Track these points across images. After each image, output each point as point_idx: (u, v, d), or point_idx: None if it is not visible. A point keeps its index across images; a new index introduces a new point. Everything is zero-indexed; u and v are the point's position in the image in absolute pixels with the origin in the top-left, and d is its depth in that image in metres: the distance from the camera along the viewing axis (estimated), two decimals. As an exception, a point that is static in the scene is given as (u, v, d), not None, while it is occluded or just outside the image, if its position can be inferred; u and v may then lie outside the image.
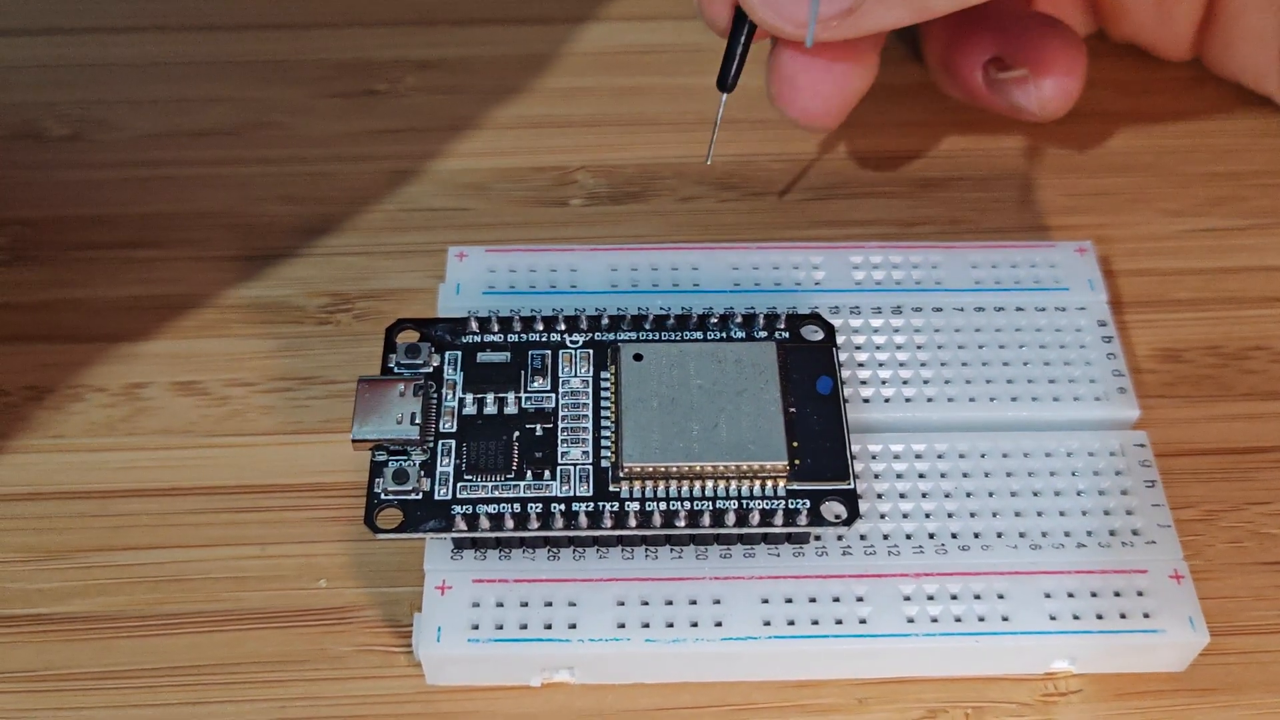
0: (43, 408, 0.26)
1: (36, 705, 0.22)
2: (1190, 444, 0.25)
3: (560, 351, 0.23)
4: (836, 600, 0.22)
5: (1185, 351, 0.27)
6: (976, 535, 0.22)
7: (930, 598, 0.22)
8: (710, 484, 0.22)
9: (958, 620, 0.22)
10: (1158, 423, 0.25)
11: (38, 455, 0.25)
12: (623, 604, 0.22)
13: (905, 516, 0.23)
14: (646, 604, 0.22)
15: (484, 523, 0.21)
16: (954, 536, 0.22)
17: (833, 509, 0.22)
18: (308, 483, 0.24)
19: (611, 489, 0.22)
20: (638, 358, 0.23)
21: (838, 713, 0.22)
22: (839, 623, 0.21)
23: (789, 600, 0.22)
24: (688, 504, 0.22)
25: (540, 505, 0.22)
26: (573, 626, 0.21)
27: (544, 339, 0.24)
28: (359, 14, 0.33)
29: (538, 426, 0.23)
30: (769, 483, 0.22)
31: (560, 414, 0.23)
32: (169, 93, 0.31)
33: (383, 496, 0.22)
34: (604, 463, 0.22)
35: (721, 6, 0.25)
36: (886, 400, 0.24)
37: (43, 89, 0.31)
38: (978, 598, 0.22)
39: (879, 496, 0.23)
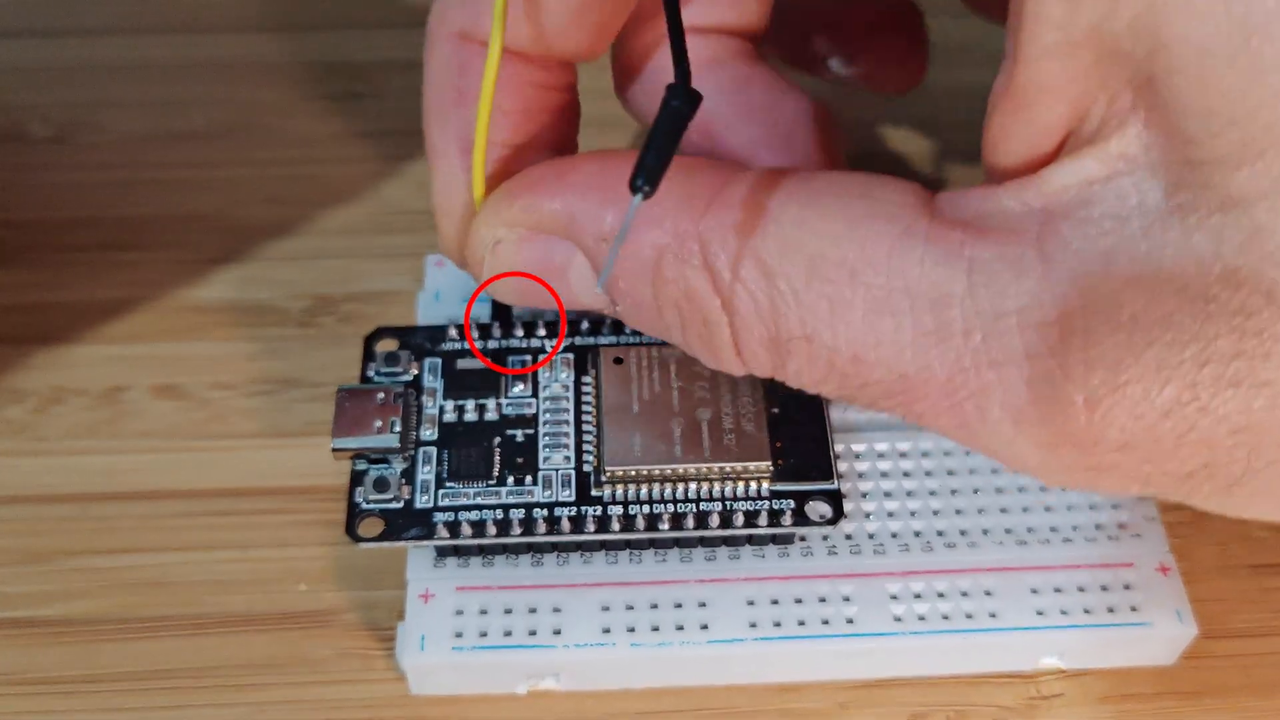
0: (24, 410, 0.25)
1: (16, 709, 0.22)
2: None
3: (540, 357, 0.23)
4: (823, 601, 0.22)
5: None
6: (962, 532, 0.22)
7: (917, 596, 0.22)
8: (694, 486, 0.22)
9: (945, 618, 0.21)
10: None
11: (18, 458, 0.25)
12: (608, 609, 0.21)
13: (890, 515, 0.23)
14: (632, 608, 0.21)
15: (466, 530, 0.21)
16: (940, 534, 0.22)
17: (817, 509, 0.21)
18: (289, 486, 0.24)
19: (594, 493, 0.22)
20: (618, 361, 0.23)
21: (819, 717, 0.22)
22: (826, 623, 0.21)
23: (775, 602, 0.22)
24: (671, 507, 0.21)
25: (523, 511, 0.21)
26: (557, 632, 0.21)
27: (524, 345, 0.23)
28: (344, 16, 0.33)
29: (519, 432, 0.22)
30: (753, 484, 0.22)
31: (541, 419, 0.23)
32: (154, 95, 0.31)
33: (364, 505, 0.21)
34: (586, 467, 0.22)
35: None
36: (871, 401, 0.24)
37: (27, 91, 0.31)
38: (965, 595, 0.22)
39: (864, 495, 0.23)
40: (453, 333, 0.24)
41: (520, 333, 0.24)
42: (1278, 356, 0.15)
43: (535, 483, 0.22)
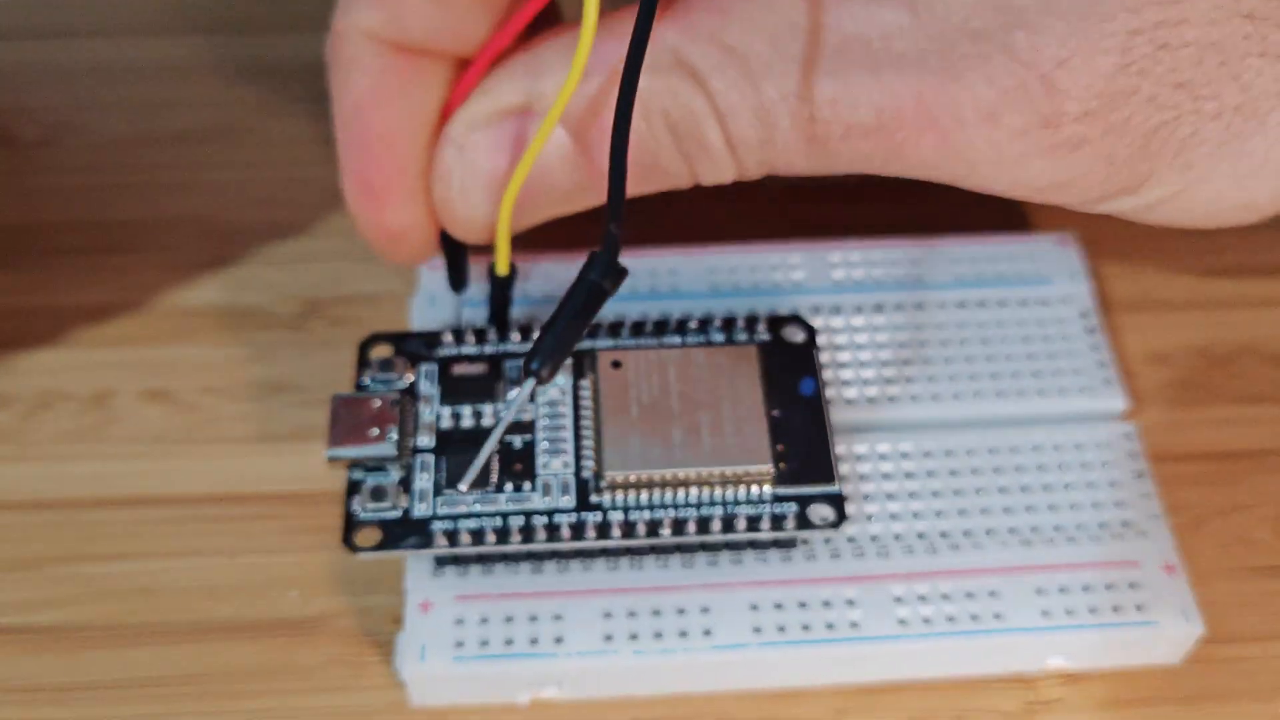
0: (10, 415, 0.25)
1: (3, 718, 0.21)
2: (1178, 448, 0.25)
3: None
4: (826, 605, 0.21)
5: (1173, 354, 0.26)
6: (966, 533, 0.22)
7: (922, 598, 0.21)
8: (694, 491, 0.21)
9: (950, 620, 0.21)
10: (1146, 426, 0.25)
11: (4, 465, 0.24)
12: (609, 616, 0.21)
13: (893, 517, 0.22)
14: (634, 615, 0.21)
15: (465, 538, 0.21)
16: (943, 536, 0.22)
17: (819, 512, 0.21)
18: (279, 491, 0.24)
19: (594, 500, 0.21)
20: (616, 365, 0.22)
21: (819, 724, 0.22)
22: (830, 627, 0.21)
23: (778, 606, 0.21)
24: (672, 512, 0.21)
25: (522, 518, 0.21)
26: (559, 641, 0.21)
27: (521, 350, 0.23)
28: (330, 17, 0.33)
29: (517, 438, 0.22)
30: (754, 487, 0.21)
31: (539, 425, 0.22)
32: (141, 97, 0.31)
33: (361, 515, 0.21)
34: (585, 473, 0.22)
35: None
36: (870, 400, 0.24)
37: (14, 93, 0.31)
38: (970, 596, 0.21)
39: (866, 498, 0.23)
40: (448, 338, 0.23)
41: (516, 337, 0.23)
42: (1193, 20, 0.18)
43: (534, 489, 0.21)
